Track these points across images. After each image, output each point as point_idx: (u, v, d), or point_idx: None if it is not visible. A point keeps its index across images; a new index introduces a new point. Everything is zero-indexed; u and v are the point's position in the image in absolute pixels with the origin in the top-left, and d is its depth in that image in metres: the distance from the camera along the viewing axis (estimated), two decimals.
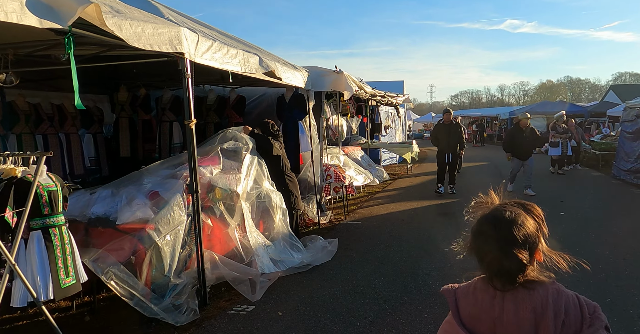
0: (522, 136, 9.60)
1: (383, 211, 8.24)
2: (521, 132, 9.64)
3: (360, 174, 10.25)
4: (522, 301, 1.28)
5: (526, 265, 1.30)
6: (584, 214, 7.62)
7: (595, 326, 1.25)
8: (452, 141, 9.36)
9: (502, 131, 32.30)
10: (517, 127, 9.90)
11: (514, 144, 9.65)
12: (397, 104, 13.11)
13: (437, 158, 9.80)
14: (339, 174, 7.49)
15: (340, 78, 7.30)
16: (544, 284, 1.30)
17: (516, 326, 1.27)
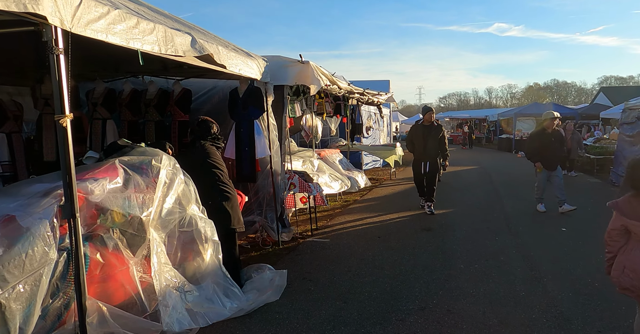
0: (549, 140, 7.73)
1: (358, 225, 7.06)
2: (548, 136, 7.79)
3: (336, 180, 9.10)
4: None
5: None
6: (589, 229, 6.52)
7: None
8: (430, 147, 7.64)
9: (491, 133, 31.40)
10: (541, 130, 7.97)
11: (542, 151, 7.71)
12: (380, 103, 11.94)
13: (413, 168, 8.07)
14: (305, 183, 6.30)
15: (306, 69, 6.11)
16: None
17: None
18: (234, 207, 4.12)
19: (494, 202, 8.73)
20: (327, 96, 10.31)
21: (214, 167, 4.14)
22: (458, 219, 7.34)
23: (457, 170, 14.80)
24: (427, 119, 7.75)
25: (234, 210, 4.12)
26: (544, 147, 7.70)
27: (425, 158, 7.74)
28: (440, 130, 7.74)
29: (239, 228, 4.15)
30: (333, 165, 10.29)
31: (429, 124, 7.70)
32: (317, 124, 9.60)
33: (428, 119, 7.72)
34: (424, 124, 7.75)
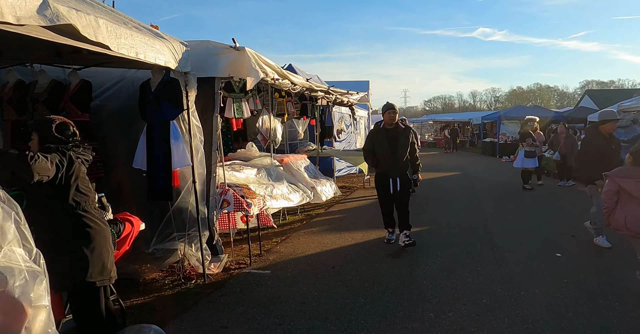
0: (609, 148, 5.61)
1: (312, 249, 5.78)
2: (608, 142, 5.67)
3: (296, 191, 7.81)
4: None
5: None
6: (589, 256, 5.32)
7: None
8: (399, 157, 5.67)
9: (475, 137, 30.42)
10: (599, 136, 5.73)
11: (603, 161, 5.27)
12: (352, 103, 10.68)
13: (377, 188, 5.97)
14: (241, 199, 5.00)
15: (241, 58, 4.82)
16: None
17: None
18: (97, 249, 2.79)
19: (477, 219, 7.51)
20: (289, 95, 9.05)
21: (69, 189, 2.81)
22: (433, 240, 6.10)
23: (437, 177, 13.62)
24: (387, 121, 5.74)
25: (97, 254, 2.79)
26: (603, 158, 5.41)
27: (394, 173, 5.72)
28: (408, 133, 5.79)
29: (102, 281, 2.81)
30: (297, 173, 9.00)
31: (391, 126, 5.78)
32: (277, 127, 8.31)
33: (389, 121, 5.72)
34: (387, 127, 5.80)
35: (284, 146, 12.39)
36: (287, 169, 9.16)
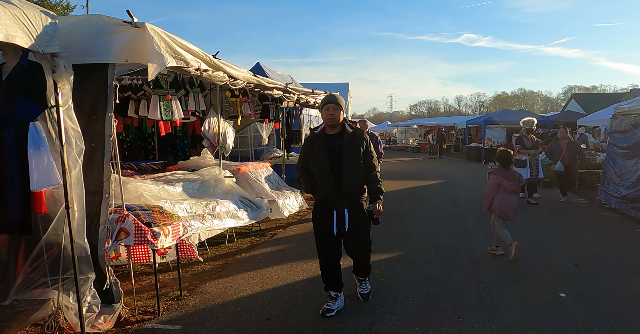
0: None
1: (250, 288, 4.47)
2: None
3: (248, 207, 6.54)
4: (515, 174, 5.35)
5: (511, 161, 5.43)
6: (598, 293, 4.12)
7: None
8: (343, 178, 3.64)
9: (459, 141, 29.41)
10: None
11: None
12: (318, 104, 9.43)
13: (314, 223, 3.85)
14: (145, 228, 3.68)
15: (141, 38, 3.53)
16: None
17: (514, 179, 5.30)
18: None
19: (460, 240, 6.28)
20: (245, 94, 7.77)
21: None
22: (405, 273, 4.85)
23: (419, 186, 12.42)
24: (327, 122, 3.71)
25: None
26: None
27: (340, 202, 3.67)
28: (359, 141, 3.69)
29: None
30: (256, 185, 7.71)
31: (334, 131, 3.73)
32: (227, 131, 7.03)
33: (329, 122, 3.69)
34: (327, 132, 3.76)
35: (248, 152, 11.13)
36: (244, 179, 7.88)
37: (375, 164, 3.80)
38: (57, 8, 19.27)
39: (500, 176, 5.38)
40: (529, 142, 9.26)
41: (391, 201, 9.75)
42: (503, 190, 5.37)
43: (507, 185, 5.33)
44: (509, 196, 5.36)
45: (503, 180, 5.35)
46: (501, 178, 5.36)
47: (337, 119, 3.71)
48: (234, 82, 5.04)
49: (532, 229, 6.87)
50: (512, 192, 5.37)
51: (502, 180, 5.35)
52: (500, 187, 5.38)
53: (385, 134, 41.29)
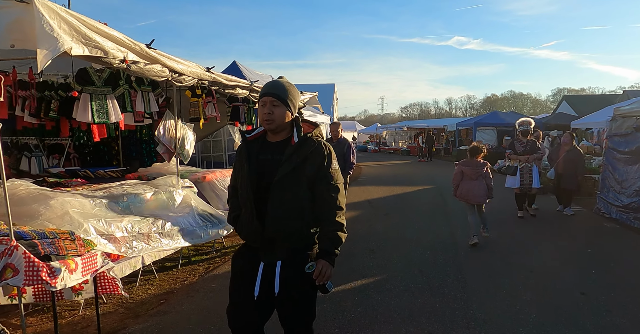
0: None
1: (190, 332, 3.63)
2: None
3: (208, 222, 5.73)
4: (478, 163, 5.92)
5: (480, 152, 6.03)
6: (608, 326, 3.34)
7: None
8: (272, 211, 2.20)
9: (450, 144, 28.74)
10: None
11: None
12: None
13: (231, 276, 2.38)
14: (38, 264, 2.82)
15: (29, 16, 2.68)
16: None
17: (475, 166, 5.91)
18: None
19: (448, 261, 5.49)
20: (210, 94, 6.93)
21: None
22: (381, 306, 4.02)
23: (406, 192, 11.64)
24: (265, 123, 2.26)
25: None
26: None
27: (269, 248, 2.26)
28: (312, 159, 2.25)
29: None
30: (222, 194, 6.88)
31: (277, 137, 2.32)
32: (186, 136, 6.18)
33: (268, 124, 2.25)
34: (270, 138, 2.34)
35: (222, 158, 10.28)
36: (211, 189, 7.05)
37: (333, 195, 2.24)
38: None
39: (462, 164, 6.09)
40: (520, 146, 8.04)
41: (375, 210, 8.95)
42: (467, 177, 6.03)
43: (466, 171, 6.00)
44: (470, 182, 5.99)
45: (464, 167, 6.03)
46: (463, 167, 6.05)
47: (279, 121, 2.23)
48: (178, 78, 4.18)
49: (528, 247, 6.10)
50: (474, 178, 5.98)
51: (463, 168, 6.04)
52: (464, 175, 6.04)
53: (374, 136, 40.57)
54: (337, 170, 2.32)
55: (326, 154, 2.29)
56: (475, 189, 5.93)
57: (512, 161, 8.08)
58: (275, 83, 2.32)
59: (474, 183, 5.94)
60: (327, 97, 17.12)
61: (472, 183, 5.95)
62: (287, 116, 2.27)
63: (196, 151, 10.30)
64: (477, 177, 5.94)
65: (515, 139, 8.40)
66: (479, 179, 5.95)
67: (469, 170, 5.96)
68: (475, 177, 5.94)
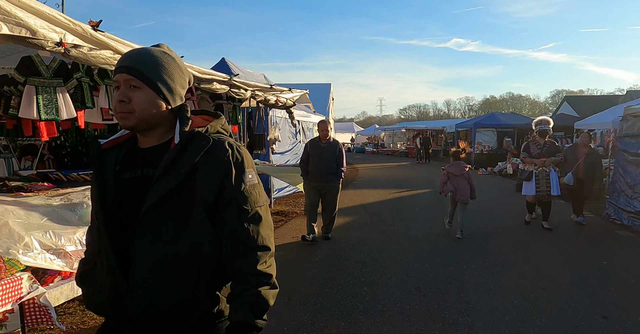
0: None
1: None
2: None
3: None
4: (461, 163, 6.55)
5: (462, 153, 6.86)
6: None
7: None
8: (139, 262, 1.28)
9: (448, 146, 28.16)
10: None
11: None
12: (286, 104, 7.94)
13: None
14: None
15: None
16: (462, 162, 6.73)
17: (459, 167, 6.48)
18: None
19: (447, 276, 4.89)
20: (190, 90, 6.32)
21: None
22: (373, 331, 3.43)
23: (403, 196, 11.03)
24: (120, 118, 1.35)
25: None
26: None
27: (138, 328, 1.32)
28: (214, 170, 1.33)
29: None
30: None
31: (149, 141, 1.42)
32: None
33: (123, 119, 1.34)
34: (141, 144, 1.44)
35: None
36: None
37: (250, 227, 1.35)
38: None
39: (448, 168, 6.67)
40: (536, 149, 7.10)
41: (370, 215, 8.36)
42: (453, 177, 6.59)
43: (451, 170, 6.60)
44: (456, 181, 6.57)
45: (450, 169, 6.63)
46: (449, 168, 6.64)
47: (141, 113, 1.34)
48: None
49: (537, 260, 5.51)
50: (458, 176, 6.54)
51: (449, 169, 6.63)
52: (451, 175, 6.61)
53: (372, 137, 40.01)
54: (254, 186, 1.39)
55: (232, 160, 1.35)
56: (461, 187, 6.50)
57: (526, 165, 7.22)
58: (136, 53, 1.38)
59: (460, 182, 6.52)
60: (322, 96, 16.54)
61: (458, 182, 6.53)
62: (157, 105, 1.36)
63: None
64: (461, 176, 6.54)
65: (530, 141, 7.48)
66: (462, 178, 6.53)
67: (454, 169, 6.58)
68: (459, 174, 6.53)
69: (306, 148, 6.29)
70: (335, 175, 6.12)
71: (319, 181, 6.10)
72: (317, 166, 6.07)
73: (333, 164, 6.08)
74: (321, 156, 6.07)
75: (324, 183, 6.10)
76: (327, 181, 6.09)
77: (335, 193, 6.22)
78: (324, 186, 6.13)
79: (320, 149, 6.12)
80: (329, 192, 6.17)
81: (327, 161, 6.06)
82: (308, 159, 6.19)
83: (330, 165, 6.07)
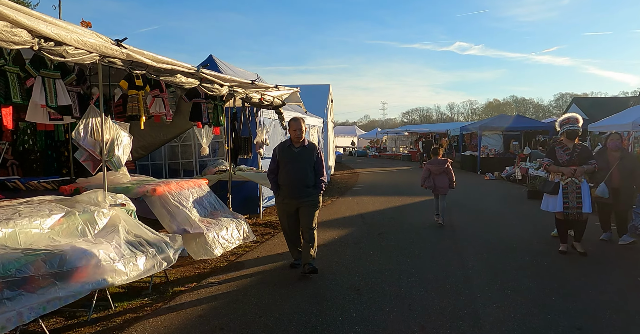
0: None
1: None
2: None
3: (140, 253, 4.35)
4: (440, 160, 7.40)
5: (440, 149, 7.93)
6: None
7: None
8: None
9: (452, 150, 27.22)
10: None
11: None
12: (274, 103, 6.99)
13: None
14: None
15: None
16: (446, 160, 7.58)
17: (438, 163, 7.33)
18: None
19: (459, 305, 3.99)
20: (158, 86, 5.52)
21: None
22: None
23: (405, 204, 10.11)
24: None
25: None
26: None
27: None
28: None
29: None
30: (177, 212, 5.47)
31: None
32: (119, 138, 4.71)
33: None
34: None
35: (192, 165, 8.83)
36: (162, 204, 5.65)
37: None
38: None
39: (429, 164, 7.47)
40: (564, 154, 5.66)
41: (368, 227, 7.47)
42: (433, 173, 7.39)
43: (432, 168, 7.35)
44: (436, 177, 7.35)
45: (430, 166, 7.40)
46: (429, 166, 7.43)
47: None
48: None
49: (576, 294, 4.59)
50: (438, 174, 7.34)
51: (430, 166, 7.41)
52: (431, 172, 7.39)
53: (375, 141, 39.12)
54: None
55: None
56: (440, 182, 7.36)
57: (551, 175, 5.82)
58: None
59: (439, 178, 7.35)
60: (321, 98, 15.67)
61: (438, 178, 7.36)
62: None
63: (163, 158, 8.86)
64: (441, 172, 7.35)
65: (555, 144, 5.97)
66: (442, 174, 7.36)
67: (434, 168, 7.39)
68: (439, 173, 7.35)
69: (275, 154, 4.95)
70: (314, 188, 4.87)
71: (293, 196, 4.83)
72: (290, 178, 4.80)
73: (310, 173, 4.83)
74: (295, 164, 4.79)
75: (299, 199, 4.83)
76: (304, 195, 4.82)
77: (312, 206, 4.87)
78: (300, 201, 4.85)
79: (293, 155, 4.82)
80: (307, 208, 4.86)
81: (303, 170, 4.79)
82: (278, 168, 4.92)
83: (307, 175, 4.80)
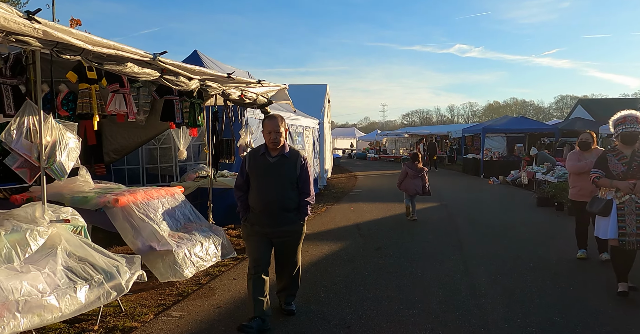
0: None
1: None
2: None
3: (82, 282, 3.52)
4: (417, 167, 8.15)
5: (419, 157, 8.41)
6: None
7: None
8: None
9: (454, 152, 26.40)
10: None
11: None
12: (257, 100, 6.13)
13: None
14: None
15: None
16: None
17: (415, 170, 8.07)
18: None
19: None
20: (118, 79, 4.71)
21: None
22: None
23: None
24: None
25: None
26: None
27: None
28: None
29: None
30: (142, 225, 4.65)
31: None
32: (62, 141, 3.90)
33: None
34: None
35: (172, 170, 8.02)
36: (125, 217, 4.83)
37: None
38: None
39: (408, 167, 8.11)
40: (620, 164, 4.20)
41: (364, 240, 6.64)
42: (409, 176, 8.06)
43: (410, 172, 8.05)
44: (411, 180, 8.05)
45: (408, 169, 8.07)
46: (407, 168, 8.08)
47: None
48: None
49: (608, 329, 3.76)
50: (413, 178, 8.03)
51: (408, 170, 8.07)
52: (408, 175, 8.05)
53: (374, 143, 38.29)
54: None
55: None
56: (414, 185, 8.00)
57: (602, 190, 4.35)
58: None
59: (414, 181, 8.01)
60: (317, 98, 14.86)
61: (413, 181, 8.01)
62: None
63: (141, 162, 8.04)
64: (416, 177, 8.02)
65: (608, 151, 4.43)
66: (417, 178, 8.01)
67: (411, 172, 8.03)
68: (414, 177, 8.02)
69: (243, 165, 3.64)
70: (296, 212, 3.60)
71: (267, 223, 3.52)
72: (264, 197, 3.50)
73: (291, 192, 3.55)
74: (269, 179, 3.51)
75: (276, 228, 3.53)
76: (281, 223, 3.53)
77: (295, 242, 3.66)
78: (276, 232, 3.54)
79: (268, 167, 3.53)
80: (285, 241, 3.60)
81: (280, 187, 3.50)
82: (247, 183, 3.61)
83: (285, 195, 3.51)
